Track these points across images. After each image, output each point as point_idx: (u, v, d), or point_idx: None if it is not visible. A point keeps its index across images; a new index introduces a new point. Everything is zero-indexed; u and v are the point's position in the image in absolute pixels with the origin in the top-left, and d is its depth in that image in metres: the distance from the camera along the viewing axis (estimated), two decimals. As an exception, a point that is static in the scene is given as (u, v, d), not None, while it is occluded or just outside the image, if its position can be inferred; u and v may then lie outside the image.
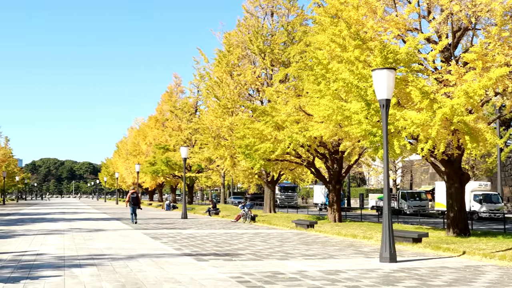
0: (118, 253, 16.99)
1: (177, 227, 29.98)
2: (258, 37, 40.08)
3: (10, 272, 12.87)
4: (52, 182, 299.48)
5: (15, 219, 36.73)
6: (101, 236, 23.56)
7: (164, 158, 63.42)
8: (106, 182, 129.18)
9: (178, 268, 13.72)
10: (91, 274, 12.60)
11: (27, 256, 16.13)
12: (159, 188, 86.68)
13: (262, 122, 29.63)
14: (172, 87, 74.52)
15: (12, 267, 13.71)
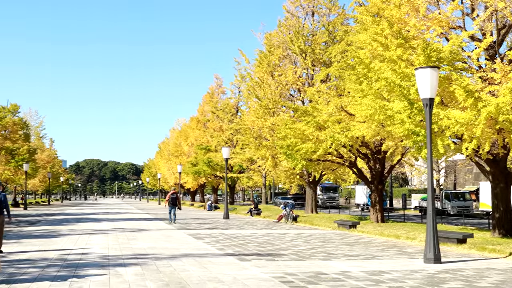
0: (161, 252, 17.15)
1: (219, 227, 30.12)
2: (299, 37, 39.99)
3: (57, 271, 13.11)
4: (96, 182, 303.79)
5: (60, 219, 37.36)
6: (144, 236, 23.81)
7: (206, 158, 63.77)
8: (148, 183, 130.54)
9: (221, 268, 13.79)
10: (135, 273, 12.75)
11: (73, 255, 16.40)
12: (200, 188, 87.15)
13: (304, 122, 29.55)
14: (213, 88, 74.91)
15: (59, 266, 13.96)
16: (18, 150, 69.28)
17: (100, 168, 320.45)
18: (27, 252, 17.25)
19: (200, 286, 11.18)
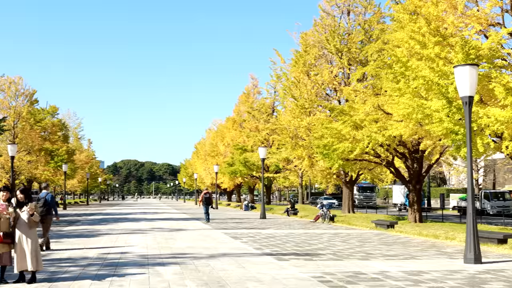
0: (199, 252, 17.26)
1: (256, 227, 30.16)
2: (335, 36, 39.82)
3: (97, 270, 13.29)
4: (133, 183, 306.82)
5: (99, 219, 37.82)
6: (182, 235, 23.97)
7: (242, 158, 63.87)
8: (185, 183, 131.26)
9: (259, 267, 13.82)
10: (174, 273, 12.85)
11: (112, 254, 16.60)
12: (237, 188, 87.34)
13: (340, 122, 29.43)
14: (249, 88, 74.99)
15: (99, 265, 14.14)
16: (57, 151, 70.30)
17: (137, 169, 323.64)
18: (68, 250, 17.52)
19: (239, 285, 11.23)
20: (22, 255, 11.18)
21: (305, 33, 43.65)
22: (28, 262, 11.17)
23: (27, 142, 61.36)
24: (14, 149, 38.32)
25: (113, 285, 11.21)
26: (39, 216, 11.71)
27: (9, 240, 11.17)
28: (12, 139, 59.21)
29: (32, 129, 63.39)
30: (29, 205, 11.35)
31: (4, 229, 11.16)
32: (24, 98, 64.23)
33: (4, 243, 11.12)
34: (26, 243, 11.22)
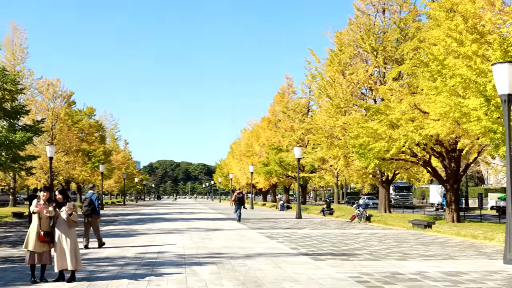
0: (236, 252, 17.30)
1: (292, 226, 30.13)
2: (370, 35, 39.54)
3: (135, 269, 13.41)
4: (169, 183, 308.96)
5: (135, 219, 38.16)
6: (219, 235, 24.06)
7: (277, 158, 63.88)
8: (220, 183, 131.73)
9: (296, 267, 13.80)
10: (211, 272, 12.91)
11: (149, 254, 16.74)
12: (272, 188, 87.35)
13: (376, 121, 29.23)
14: (284, 88, 74.94)
15: (136, 264, 14.27)
16: (94, 151, 71.17)
17: (173, 169, 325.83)
18: (106, 250, 17.71)
19: (275, 285, 11.23)
20: (61, 254, 11.36)
21: (340, 32, 43.43)
22: (67, 261, 11.35)
23: (65, 143, 62.20)
24: (52, 150, 38.87)
25: (150, 284, 11.30)
26: (77, 216, 11.87)
27: (49, 239, 11.36)
28: (50, 140, 60.07)
29: (69, 130, 64.27)
30: (67, 204, 11.53)
31: (44, 228, 11.36)
32: (62, 100, 65.12)
33: (44, 242, 11.32)
34: (66, 243, 11.39)
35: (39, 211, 11.31)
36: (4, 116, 40.16)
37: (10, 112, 39.75)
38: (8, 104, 40.16)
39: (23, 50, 55.20)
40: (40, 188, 11.82)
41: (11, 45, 54.54)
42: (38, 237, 11.26)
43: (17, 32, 55.39)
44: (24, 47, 55.32)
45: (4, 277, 12.37)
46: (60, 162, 60.71)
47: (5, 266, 14.14)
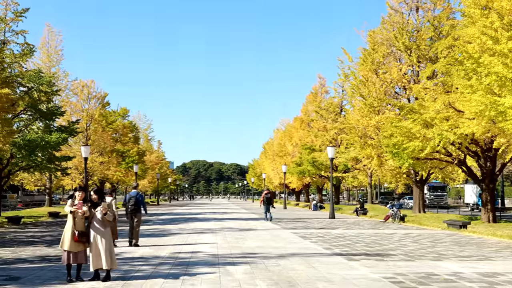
0: (269, 252, 17.30)
1: (325, 227, 30.03)
2: (403, 33, 39.20)
3: (169, 269, 13.49)
4: (202, 183, 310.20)
5: (169, 219, 38.38)
6: (252, 235, 24.08)
7: (310, 158, 63.69)
8: (253, 183, 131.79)
9: (329, 267, 13.75)
10: (245, 272, 12.93)
11: (183, 253, 16.83)
12: (305, 188, 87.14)
13: (410, 120, 28.96)
14: (317, 87, 74.72)
15: (170, 264, 14.36)
16: (128, 152, 71.74)
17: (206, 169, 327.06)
18: (140, 249, 17.85)
19: (309, 285, 11.21)
20: (97, 253, 11.49)
21: (373, 31, 43.15)
22: (102, 260, 11.47)
23: (100, 143, 62.83)
24: (87, 150, 39.34)
25: (185, 284, 11.36)
26: (112, 216, 11.99)
27: (84, 239, 11.49)
28: (85, 141, 60.75)
29: (104, 131, 64.90)
30: (102, 204, 11.65)
31: (79, 228, 11.49)
32: (96, 101, 65.80)
33: (79, 242, 11.45)
34: (101, 242, 11.51)
35: (77, 209, 11.46)
36: (40, 117, 40.74)
37: (46, 113, 40.31)
38: (43, 106, 40.73)
39: (58, 52, 55.87)
40: (75, 188, 11.98)
41: (46, 47, 55.27)
42: (73, 237, 11.41)
43: (52, 34, 56.10)
44: (59, 49, 55.98)
45: (41, 276, 12.54)
46: (94, 163, 61.35)
47: (42, 265, 14.33)
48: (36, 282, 11.60)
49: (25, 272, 13.02)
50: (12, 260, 15.36)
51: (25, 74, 39.44)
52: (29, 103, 38.75)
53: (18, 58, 40.62)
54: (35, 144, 37.33)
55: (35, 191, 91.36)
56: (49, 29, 56.03)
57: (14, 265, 14.40)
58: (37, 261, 15.07)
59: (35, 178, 56.72)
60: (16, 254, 16.86)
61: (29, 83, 38.79)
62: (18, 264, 14.49)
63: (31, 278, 12.21)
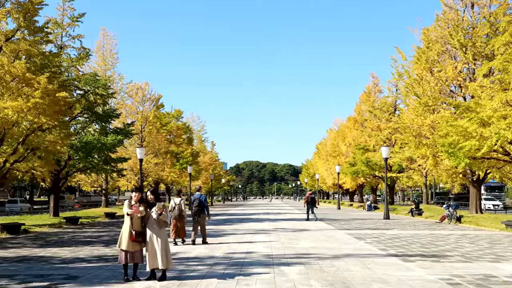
0: (323, 252, 17.24)
1: (380, 227, 29.75)
2: (458, 30, 38.53)
3: (224, 269, 13.58)
4: (255, 184, 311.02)
5: (223, 219, 38.59)
6: (306, 235, 24.04)
7: (364, 158, 63.18)
8: (306, 183, 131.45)
9: (385, 268, 13.62)
10: (299, 273, 12.91)
11: (238, 253, 16.92)
12: (359, 188, 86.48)
13: (466, 119, 28.46)
14: (370, 87, 74.07)
15: (225, 264, 14.45)
16: (182, 153, 72.58)
17: (259, 170, 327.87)
18: (195, 250, 18.01)
19: (364, 286, 11.12)
20: (153, 253, 11.65)
21: (427, 29, 42.55)
22: (158, 260, 11.63)
23: (154, 145, 63.70)
24: (142, 152, 39.87)
25: (239, 284, 11.42)
26: (167, 216, 12.13)
27: (140, 239, 11.67)
28: (140, 142, 61.66)
29: (158, 132, 65.78)
30: (157, 205, 11.82)
31: (136, 228, 11.68)
32: (151, 103, 66.79)
33: (136, 241, 11.64)
34: (157, 242, 11.67)
35: (133, 213, 11.65)
36: (96, 120, 41.55)
37: (102, 115, 41.08)
38: (99, 108, 41.53)
39: (113, 55, 56.90)
40: (131, 189, 12.19)
41: (102, 51, 56.35)
42: (130, 237, 11.61)
43: (108, 38, 57.19)
44: (114, 53, 57.03)
45: (99, 275, 12.79)
46: (149, 164, 62.22)
47: (100, 264, 14.61)
48: (94, 281, 11.84)
49: (83, 271, 13.30)
50: (71, 260, 15.71)
51: (82, 77, 40.33)
52: (86, 106, 39.56)
53: (74, 62, 41.58)
54: (91, 146, 38.09)
55: (91, 192, 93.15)
56: (104, 33, 57.14)
57: (72, 264, 14.73)
58: (95, 261, 15.38)
59: (91, 179, 57.90)
60: (75, 254, 17.24)
61: (85, 86, 39.63)
62: (77, 263, 14.82)
63: (89, 277, 12.47)
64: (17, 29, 31.83)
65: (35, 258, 16.32)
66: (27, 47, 31.38)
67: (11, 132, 29.35)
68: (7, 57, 30.48)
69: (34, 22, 32.37)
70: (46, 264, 14.75)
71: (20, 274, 12.95)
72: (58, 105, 30.42)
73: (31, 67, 30.88)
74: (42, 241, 22.54)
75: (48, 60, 33.33)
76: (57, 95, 29.71)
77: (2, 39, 31.26)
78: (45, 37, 33.77)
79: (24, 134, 30.14)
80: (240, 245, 19.60)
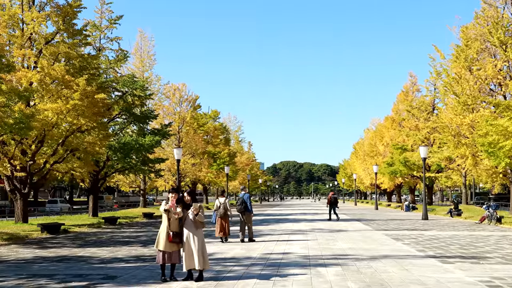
0: (360, 253, 17.12)
1: (418, 228, 29.43)
2: (498, 28, 37.90)
3: (260, 270, 13.58)
4: (292, 184, 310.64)
5: (260, 220, 38.57)
6: (343, 236, 23.90)
7: (402, 158, 62.62)
8: (344, 184, 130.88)
9: (423, 270, 13.46)
10: (336, 274, 12.84)
11: (274, 254, 16.90)
12: (397, 188, 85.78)
13: (507, 118, 28.03)
14: (408, 86, 73.38)
15: (262, 265, 14.45)
16: (219, 153, 72.79)
17: (296, 170, 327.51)
18: (232, 250, 18.04)
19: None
20: (189, 254, 11.72)
21: (466, 27, 41.99)
22: (195, 261, 11.69)
23: (191, 145, 64.07)
24: (179, 152, 40.08)
25: (276, 285, 11.40)
26: (204, 216, 12.16)
27: (177, 239, 11.75)
28: (177, 143, 62.06)
29: (195, 133, 66.13)
30: (193, 205, 11.87)
31: (174, 229, 11.77)
32: (188, 104, 67.21)
33: (173, 242, 11.71)
34: (194, 243, 11.73)
35: (170, 207, 11.75)
36: (134, 121, 41.95)
37: (140, 116, 41.46)
38: (137, 110, 41.89)
39: (151, 57, 57.41)
40: (169, 190, 12.27)
41: (139, 52, 56.87)
42: (167, 237, 11.69)
43: (145, 40, 57.71)
44: (152, 54, 57.53)
45: (137, 275, 12.90)
46: (187, 164, 62.60)
47: (138, 264, 14.74)
48: (131, 281, 11.95)
49: (121, 271, 13.43)
50: (109, 259, 15.89)
51: (120, 79, 40.75)
52: (124, 107, 39.96)
53: (113, 64, 42.06)
54: (129, 146, 38.48)
55: (130, 193, 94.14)
56: (141, 35, 57.70)
57: (110, 264, 14.89)
58: (133, 261, 15.52)
59: (130, 179, 58.45)
60: (113, 254, 17.43)
61: (123, 87, 40.04)
62: (115, 263, 14.98)
63: (127, 277, 12.59)
64: (56, 32, 32.35)
65: (74, 258, 16.55)
66: (66, 50, 31.87)
67: (51, 133, 29.81)
68: (47, 59, 31.00)
69: (73, 25, 32.87)
70: (85, 264, 14.94)
71: (59, 274, 13.14)
72: (96, 107, 30.81)
73: (70, 69, 31.33)
74: (81, 241, 22.84)
75: (86, 62, 33.76)
76: (95, 96, 30.10)
77: (42, 42, 31.82)
78: (83, 39, 34.24)
79: (64, 135, 30.60)
80: (277, 246, 19.58)
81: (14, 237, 23.74)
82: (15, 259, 16.54)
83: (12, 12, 31.53)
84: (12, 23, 31.88)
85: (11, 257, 16.93)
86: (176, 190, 12.15)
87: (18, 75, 27.55)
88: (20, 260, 16.13)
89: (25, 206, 32.37)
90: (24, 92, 23.87)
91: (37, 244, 21.28)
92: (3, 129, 22.53)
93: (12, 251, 18.82)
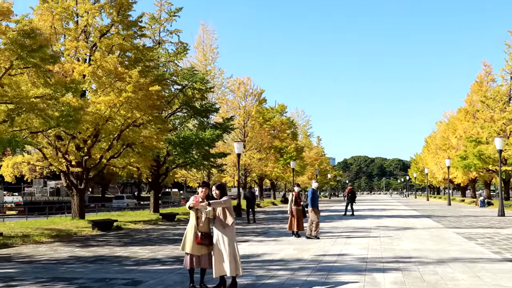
0: (426, 255, 15.19)
1: (494, 225, 27.08)
2: None
3: (307, 275, 11.89)
4: (363, 179, 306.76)
5: (323, 216, 36.72)
6: (409, 235, 21.97)
7: (476, 151, 59.56)
8: (416, 178, 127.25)
9: (498, 277, 11.47)
10: (394, 282, 11.00)
11: (328, 256, 15.22)
12: (471, 183, 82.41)
13: None
14: (482, 76, 69.98)
15: (311, 269, 12.80)
16: (286, 148, 71.42)
17: (367, 165, 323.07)
18: (283, 251, 16.49)
19: (471, 301, 9.18)
20: (219, 258, 10.06)
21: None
22: (226, 266, 10.03)
23: (257, 140, 62.81)
24: (240, 146, 38.77)
25: (320, 295, 9.72)
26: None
27: (207, 241, 10.15)
28: (242, 137, 60.95)
29: (261, 127, 64.86)
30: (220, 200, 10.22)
31: (203, 229, 10.22)
32: (253, 98, 65.99)
33: (202, 244, 10.14)
34: (223, 244, 10.05)
35: (194, 205, 10.20)
36: (194, 115, 40.84)
37: (200, 110, 40.33)
38: (198, 103, 40.76)
39: (213, 50, 56.18)
40: (199, 184, 10.72)
41: (202, 45, 55.81)
42: (195, 238, 10.15)
43: (207, 33, 56.57)
44: (214, 48, 56.32)
45: (165, 280, 11.45)
46: (252, 159, 61.32)
47: (173, 267, 13.30)
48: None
49: (151, 275, 12.01)
50: (145, 261, 14.53)
51: (179, 72, 39.73)
52: (184, 101, 38.95)
53: (172, 57, 41.10)
54: (189, 141, 37.37)
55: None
56: (203, 28, 56.56)
57: (144, 266, 13.54)
58: (170, 263, 14.12)
59: (198, 175, 57.50)
60: (153, 254, 16.10)
61: (183, 81, 38.99)
62: (149, 265, 13.62)
63: (153, 282, 11.11)
64: (111, 25, 31.53)
65: (109, 258, 15.29)
66: (120, 41, 30.95)
67: (105, 127, 29.00)
68: (102, 52, 30.16)
69: (128, 17, 31.96)
70: (116, 266, 13.61)
71: (82, 278, 11.82)
72: (151, 99, 29.72)
73: (124, 61, 30.43)
74: (129, 238, 21.73)
75: (142, 54, 32.82)
76: (150, 89, 29.03)
77: (97, 35, 31.04)
78: (139, 31, 33.34)
79: (119, 129, 29.71)
80: (333, 246, 17.83)
81: (62, 234, 22.86)
82: (48, 258, 15.42)
83: (66, 4, 30.86)
84: (66, 16, 31.23)
85: (45, 257, 15.83)
86: (206, 184, 10.54)
87: (67, 66, 26.75)
88: (51, 260, 14.98)
89: (82, 202, 31.74)
90: (71, 84, 22.87)
91: (81, 242, 20.24)
92: (48, 122, 21.58)
93: (51, 250, 17.80)
